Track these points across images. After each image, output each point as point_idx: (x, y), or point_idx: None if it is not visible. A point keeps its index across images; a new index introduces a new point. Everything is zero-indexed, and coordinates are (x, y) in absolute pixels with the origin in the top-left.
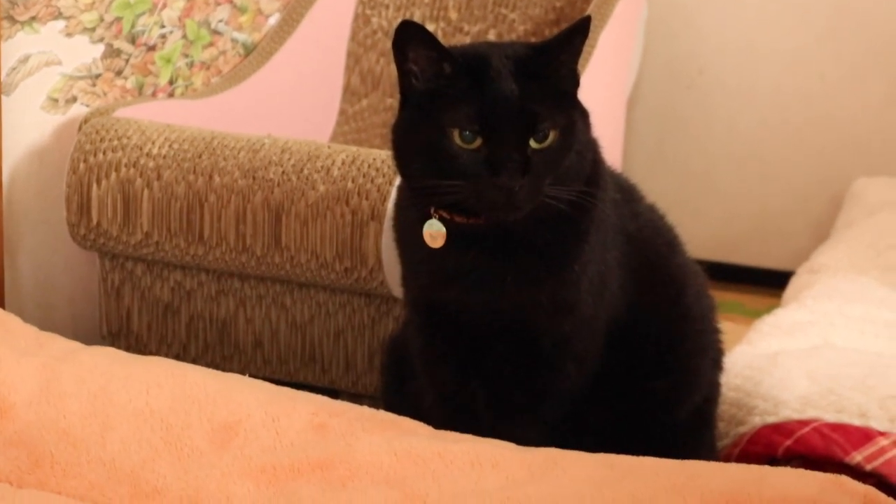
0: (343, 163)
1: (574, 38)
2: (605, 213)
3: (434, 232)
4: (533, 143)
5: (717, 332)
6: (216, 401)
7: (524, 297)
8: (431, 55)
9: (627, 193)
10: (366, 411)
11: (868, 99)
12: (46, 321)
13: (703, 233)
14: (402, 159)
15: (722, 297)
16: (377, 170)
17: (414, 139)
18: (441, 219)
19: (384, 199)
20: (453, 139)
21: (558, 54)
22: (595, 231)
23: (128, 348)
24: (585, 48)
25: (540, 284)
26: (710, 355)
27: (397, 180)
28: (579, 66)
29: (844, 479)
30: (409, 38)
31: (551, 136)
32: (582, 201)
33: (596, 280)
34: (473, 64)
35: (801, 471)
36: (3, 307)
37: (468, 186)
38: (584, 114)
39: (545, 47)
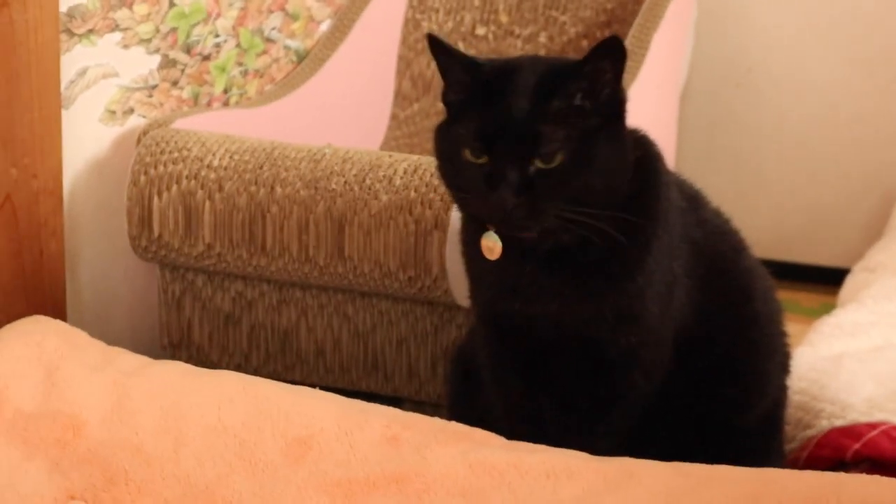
0: (405, 172)
1: (599, 59)
2: (670, 222)
3: (490, 244)
4: (539, 163)
5: (784, 335)
6: (289, 415)
7: (586, 310)
8: (456, 69)
9: (693, 201)
10: (438, 423)
11: None
12: (106, 332)
13: (755, 230)
14: (437, 164)
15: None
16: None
17: (442, 146)
18: (497, 231)
19: (447, 209)
20: (464, 152)
21: (583, 75)
22: (658, 242)
23: (188, 359)
24: (638, 51)
25: (601, 297)
26: (778, 359)
27: None
28: (634, 70)
29: None
30: (437, 51)
31: (559, 157)
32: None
33: (662, 290)
34: (495, 79)
35: (878, 477)
36: (65, 319)
37: (472, 200)
38: (619, 137)
39: (571, 67)
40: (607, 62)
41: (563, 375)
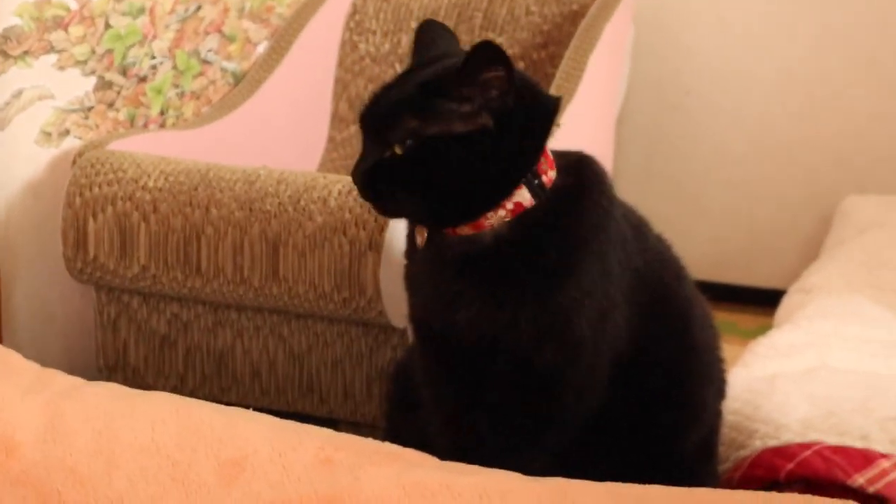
0: (340, 193)
1: (469, 65)
2: (605, 250)
3: (419, 230)
4: (396, 150)
5: (721, 361)
6: (222, 436)
7: (500, 320)
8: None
9: (637, 229)
10: (371, 444)
11: (855, 116)
12: (42, 354)
13: (692, 252)
14: None
15: (714, 317)
16: None
17: None
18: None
19: (381, 230)
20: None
21: (458, 79)
22: (585, 266)
23: (124, 381)
24: (574, 73)
25: (516, 309)
26: (715, 385)
27: None
28: (571, 91)
29: None
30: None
31: (408, 146)
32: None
33: (594, 315)
34: (410, 70)
35: (811, 497)
36: (1, 341)
37: None
38: (494, 149)
39: (449, 70)
40: (479, 69)
41: (494, 392)
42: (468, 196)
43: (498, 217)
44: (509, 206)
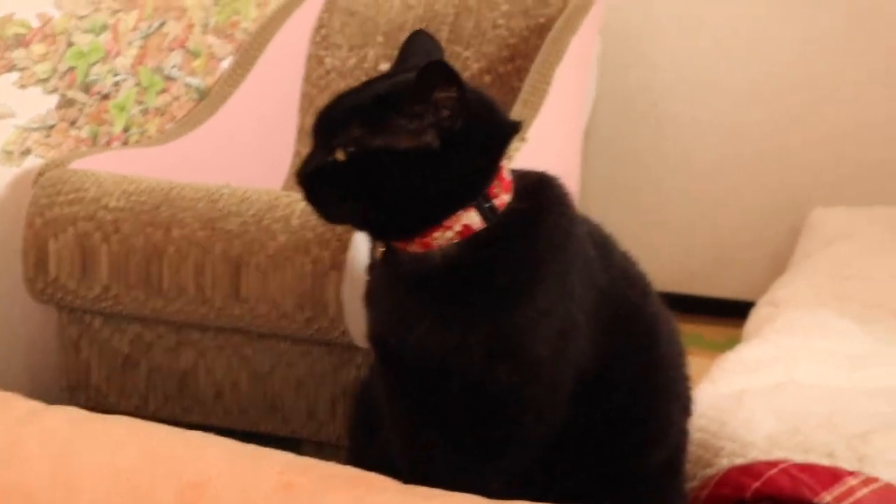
0: (303, 212)
1: (421, 84)
2: (566, 268)
3: (379, 243)
4: (339, 154)
5: (686, 378)
6: (183, 459)
7: (450, 340)
8: None
9: (602, 247)
10: (333, 468)
11: (823, 129)
12: (4, 374)
13: (660, 264)
14: None
15: (681, 329)
16: None
17: None
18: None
19: (344, 249)
20: None
21: (411, 96)
22: (543, 286)
23: (87, 401)
24: (541, 86)
25: (467, 328)
26: (680, 403)
27: None
28: (537, 105)
29: None
30: None
31: (350, 153)
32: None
33: (552, 334)
34: (370, 79)
35: None
36: None
37: None
38: (438, 168)
39: (406, 85)
40: (428, 89)
41: (451, 412)
42: (408, 212)
43: (445, 238)
44: (457, 227)
